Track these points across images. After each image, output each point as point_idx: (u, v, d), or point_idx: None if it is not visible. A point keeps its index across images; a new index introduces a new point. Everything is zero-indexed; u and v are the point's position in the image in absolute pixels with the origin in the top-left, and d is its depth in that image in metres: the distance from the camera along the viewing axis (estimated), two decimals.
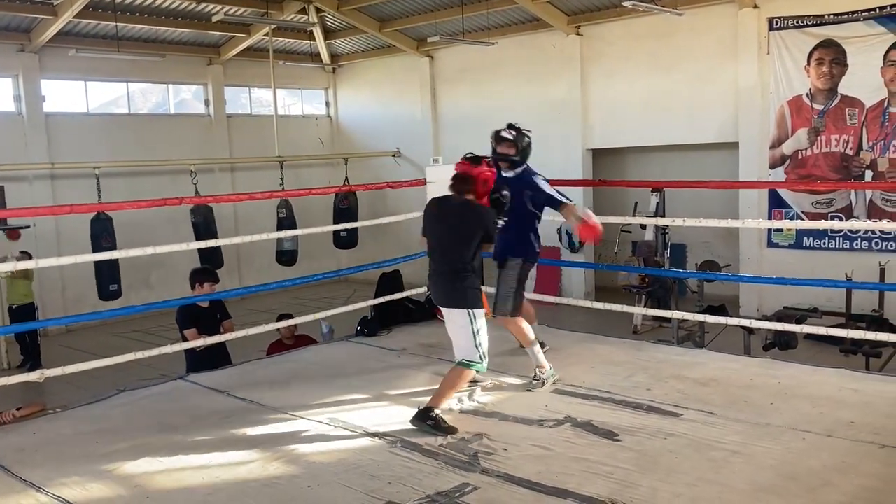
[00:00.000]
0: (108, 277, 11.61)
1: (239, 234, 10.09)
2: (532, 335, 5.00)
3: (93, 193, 11.72)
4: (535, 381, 4.90)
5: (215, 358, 6.02)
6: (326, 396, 4.94)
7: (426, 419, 4.24)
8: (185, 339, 5.98)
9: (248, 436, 4.33)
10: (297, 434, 4.33)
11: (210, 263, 12.74)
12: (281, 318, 6.99)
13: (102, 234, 11.33)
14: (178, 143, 14.94)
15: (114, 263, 11.24)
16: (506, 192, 4.82)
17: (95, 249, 10.66)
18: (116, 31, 12.69)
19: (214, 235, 11.76)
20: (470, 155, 4.87)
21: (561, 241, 13.57)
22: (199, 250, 12.20)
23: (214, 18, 12.66)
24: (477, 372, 4.56)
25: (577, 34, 13.45)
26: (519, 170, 5.19)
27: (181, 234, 11.30)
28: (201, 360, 5.89)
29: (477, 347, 4.47)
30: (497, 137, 5.25)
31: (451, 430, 4.20)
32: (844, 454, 3.63)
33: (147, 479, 3.80)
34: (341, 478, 3.72)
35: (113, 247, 10.74)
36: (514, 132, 5.15)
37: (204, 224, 12.38)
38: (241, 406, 4.85)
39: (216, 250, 12.50)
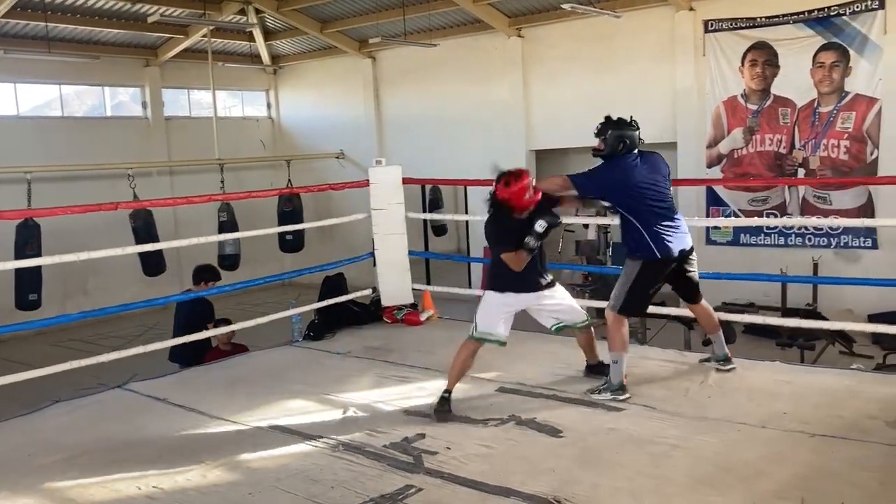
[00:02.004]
0: (28, 286, 11.01)
1: (179, 239, 9.87)
2: (625, 342, 4.69)
3: (23, 200, 11.34)
4: (601, 388, 4.60)
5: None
6: (268, 402, 4.88)
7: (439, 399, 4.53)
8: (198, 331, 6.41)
9: (187, 444, 4.25)
10: (237, 440, 4.27)
11: (151, 268, 12.54)
12: (218, 323, 6.84)
13: (28, 241, 10.82)
14: (116, 146, 14.56)
15: (36, 271, 10.74)
16: (542, 223, 4.58)
17: (18, 257, 10.16)
18: (47, 31, 12.33)
19: (156, 240, 11.48)
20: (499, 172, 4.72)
21: None
22: (140, 255, 11.97)
23: (150, 19, 12.38)
24: (473, 342, 4.69)
25: (519, 36, 13.55)
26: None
27: (120, 240, 10.95)
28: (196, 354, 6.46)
29: (474, 320, 4.73)
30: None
31: (441, 413, 4.43)
32: (777, 444, 3.72)
33: (82, 492, 3.70)
34: (283, 483, 3.67)
35: (38, 254, 10.23)
36: (600, 125, 4.86)
37: (144, 228, 12.08)
38: (180, 413, 4.75)
39: (158, 255, 12.24)
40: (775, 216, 11.28)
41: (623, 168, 4.66)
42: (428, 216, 13.18)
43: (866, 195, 10.60)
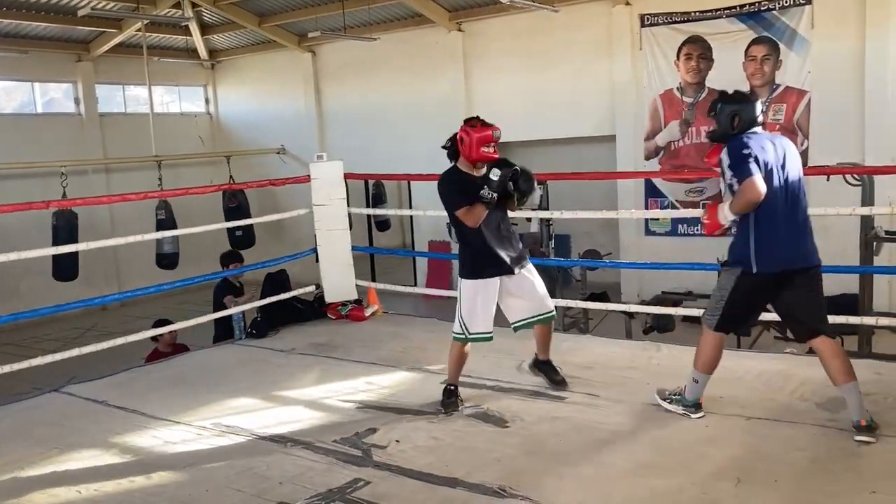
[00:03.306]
0: None
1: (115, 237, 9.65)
2: (711, 365, 3.97)
3: None
4: (673, 398, 4.09)
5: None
6: (212, 401, 4.82)
7: (443, 392, 4.44)
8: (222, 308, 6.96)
9: (129, 446, 4.17)
10: (182, 441, 4.20)
11: (64, 271, 12.08)
12: (157, 324, 6.72)
13: None
14: (48, 144, 14.16)
15: None
16: (497, 170, 4.18)
17: None
18: None
19: (74, 240, 11.10)
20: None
21: (450, 235, 13.69)
22: (54, 257, 11.51)
23: (81, 13, 11.99)
24: (462, 342, 4.42)
25: (459, 30, 13.60)
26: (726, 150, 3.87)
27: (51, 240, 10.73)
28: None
29: (458, 318, 4.40)
30: None
31: (448, 405, 4.36)
32: (714, 427, 3.84)
33: (19, 499, 3.60)
34: (230, 481, 3.64)
35: None
36: (712, 101, 4.00)
37: (66, 228, 11.71)
38: (120, 416, 4.66)
39: (73, 258, 11.83)
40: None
41: (747, 141, 3.78)
42: (371, 211, 13.15)
43: None
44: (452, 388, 4.46)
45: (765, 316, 7.27)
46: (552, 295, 10.84)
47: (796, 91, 10.86)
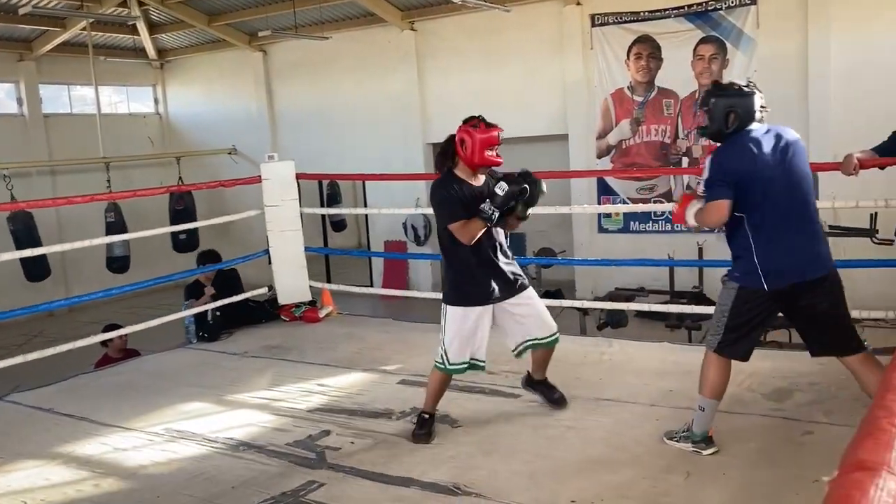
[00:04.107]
0: None
1: (63, 242, 9.44)
2: (718, 390, 3.52)
3: None
4: (680, 436, 3.63)
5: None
6: (163, 406, 4.74)
7: (417, 420, 4.02)
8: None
9: (77, 454, 4.09)
10: (132, 447, 4.13)
11: (33, 273, 11.91)
12: (107, 329, 6.57)
13: None
14: None
15: None
16: (504, 185, 3.72)
17: None
18: None
19: (38, 243, 10.91)
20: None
21: (407, 234, 13.71)
22: (21, 259, 11.33)
23: (21, 11, 11.58)
24: (441, 372, 3.94)
25: (412, 29, 13.58)
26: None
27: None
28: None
29: (441, 346, 3.92)
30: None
31: (419, 437, 3.91)
32: (665, 421, 3.90)
33: None
34: (182, 486, 3.60)
35: None
36: (704, 92, 3.60)
37: (25, 231, 11.48)
38: (68, 423, 4.56)
39: (41, 259, 11.65)
40: (662, 203, 11.76)
41: (740, 148, 3.38)
42: (325, 211, 13.08)
43: None
44: (427, 416, 3.99)
45: (711, 312, 7.41)
46: None
47: None
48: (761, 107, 3.42)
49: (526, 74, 12.63)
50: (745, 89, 3.45)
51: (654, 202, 11.80)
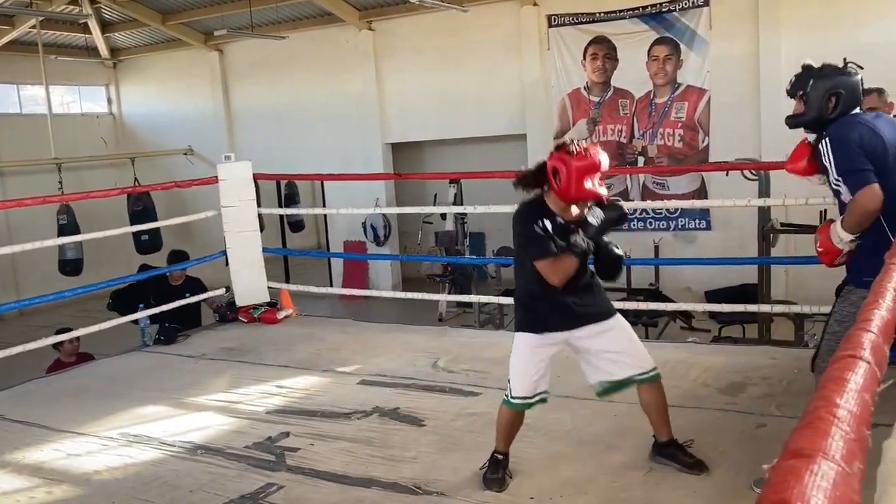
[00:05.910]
0: None
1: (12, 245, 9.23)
2: None
3: None
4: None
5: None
6: (118, 410, 4.66)
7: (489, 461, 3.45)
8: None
9: (28, 460, 4.00)
10: (86, 453, 4.05)
11: None
12: (59, 332, 6.39)
13: None
14: None
15: None
16: (598, 211, 3.29)
17: None
18: None
19: None
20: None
21: (366, 234, 13.66)
22: None
23: None
24: (507, 407, 3.43)
25: (370, 29, 13.53)
26: (825, 136, 3.09)
27: None
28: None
29: (508, 377, 3.45)
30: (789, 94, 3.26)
31: (491, 482, 3.35)
32: (623, 417, 3.94)
33: None
34: (138, 492, 3.54)
35: None
36: (794, 78, 3.21)
37: None
38: (18, 429, 4.46)
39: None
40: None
41: (862, 126, 3.00)
42: (283, 211, 12.97)
43: (700, 180, 11.36)
44: (500, 457, 3.43)
45: (670, 306, 7.51)
46: (465, 291, 10.93)
47: (697, 90, 11.25)
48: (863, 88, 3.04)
49: (484, 74, 12.67)
50: (848, 69, 3.06)
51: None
